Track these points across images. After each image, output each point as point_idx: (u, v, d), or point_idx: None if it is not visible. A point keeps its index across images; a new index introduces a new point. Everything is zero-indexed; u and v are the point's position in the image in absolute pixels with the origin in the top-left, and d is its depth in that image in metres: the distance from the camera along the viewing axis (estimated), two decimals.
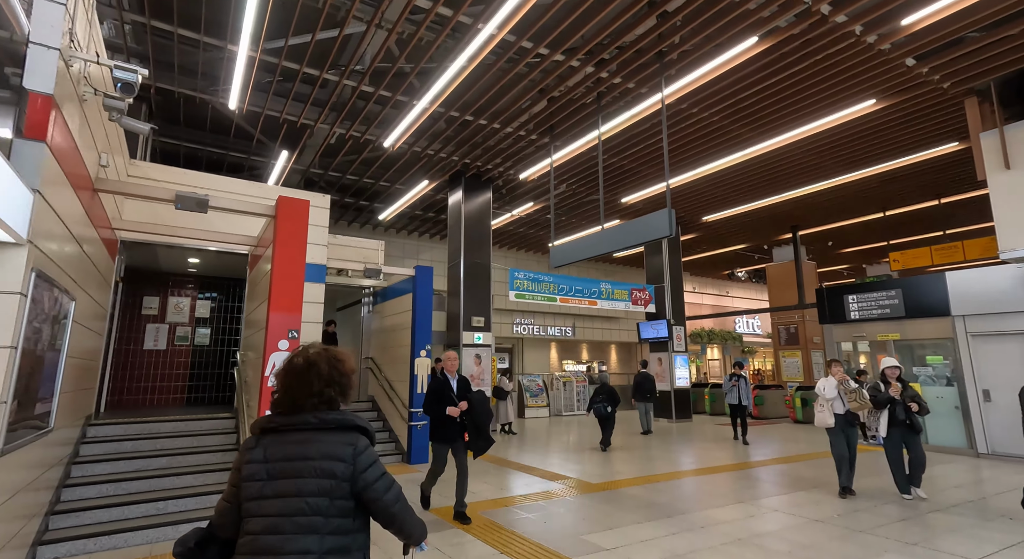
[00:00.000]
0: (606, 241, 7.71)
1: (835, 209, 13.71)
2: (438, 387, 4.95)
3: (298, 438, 1.51)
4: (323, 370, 1.58)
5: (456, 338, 11.07)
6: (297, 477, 1.46)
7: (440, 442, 4.98)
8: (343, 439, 1.52)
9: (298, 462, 1.47)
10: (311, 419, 1.53)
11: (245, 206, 4.98)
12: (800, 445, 9.67)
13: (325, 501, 1.45)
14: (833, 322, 10.51)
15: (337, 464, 1.48)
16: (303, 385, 1.56)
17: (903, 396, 5.55)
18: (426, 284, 8.34)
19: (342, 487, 1.47)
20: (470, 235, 11.47)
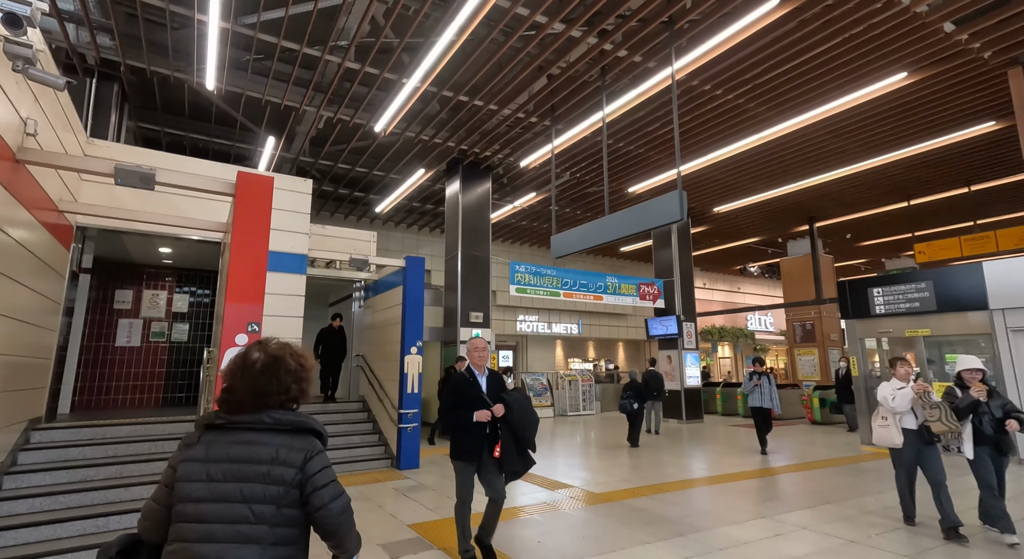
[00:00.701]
0: (611, 228, 7.08)
1: (855, 199, 12.95)
2: (460, 385, 3.65)
3: (246, 438, 1.40)
4: (291, 365, 1.49)
5: (453, 334, 10.49)
6: (242, 481, 1.34)
7: (463, 459, 3.62)
8: (297, 443, 1.42)
9: (244, 465, 1.36)
10: (265, 419, 1.41)
11: (202, 184, 4.42)
12: (819, 449, 8.99)
13: (272, 509, 1.34)
14: (856, 317, 9.78)
15: (288, 470, 1.37)
16: (270, 381, 1.44)
17: (991, 405, 4.16)
18: (417, 276, 7.76)
19: (291, 494, 1.37)
20: (468, 226, 10.88)
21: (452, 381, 3.76)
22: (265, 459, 1.37)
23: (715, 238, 17.18)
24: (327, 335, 8.84)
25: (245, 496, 1.33)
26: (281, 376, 1.46)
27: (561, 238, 8.21)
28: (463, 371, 3.71)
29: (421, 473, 6.93)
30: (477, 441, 3.56)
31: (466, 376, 3.65)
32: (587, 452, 8.68)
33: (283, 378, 1.47)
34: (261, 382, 1.44)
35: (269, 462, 1.37)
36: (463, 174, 10.97)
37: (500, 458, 3.53)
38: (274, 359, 1.48)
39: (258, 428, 1.42)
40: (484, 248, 11.03)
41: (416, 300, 7.69)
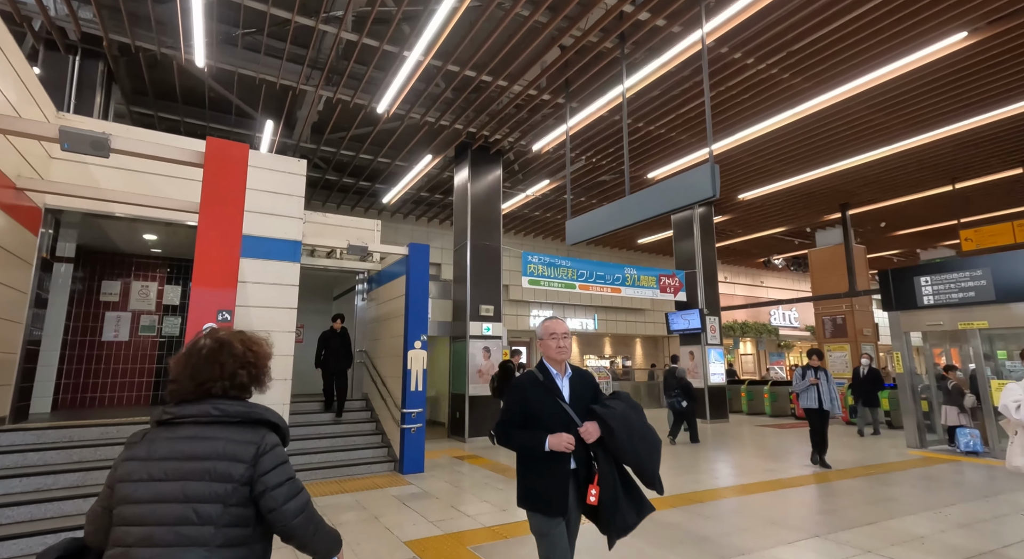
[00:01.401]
0: (633, 210, 6.40)
1: (894, 182, 12.03)
2: (527, 390, 2.33)
3: (191, 433, 1.29)
4: (237, 349, 1.38)
5: (463, 329, 9.90)
6: (185, 479, 1.23)
7: (541, 511, 2.22)
8: (246, 436, 1.30)
9: (188, 462, 1.24)
10: (211, 410, 1.30)
11: (166, 153, 3.87)
12: (856, 453, 8.20)
13: (218, 508, 1.22)
14: (900, 309, 8.95)
15: (236, 465, 1.25)
16: (212, 366, 1.34)
17: None
18: (421, 264, 7.18)
19: (240, 492, 1.25)
20: (478, 214, 10.27)
21: (516, 385, 2.38)
22: (209, 454, 1.26)
23: (738, 228, 16.32)
24: (328, 339, 7.74)
25: (188, 495, 1.22)
26: (224, 361, 1.36)
27: (577, 223, 7.55)
28: (534, 369, 2.42)
29: (426, 478, 6.36)
30: (560, 481, 2.21)
31: (536, 376, 2.36)
32: None
33: (227, 363, 1.36)
34: (203, 369, 1.34)
35: (214, 457, 1.26)
36: (472, 159, 10.36)
37: (599, 507, 2.20)
38: (220, 344, 1.38)
39: (204, 421, 1.31)
40: (495, 238, 10.42)
41: (420, 290, 7.11)
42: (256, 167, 6.14)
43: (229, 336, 1.41)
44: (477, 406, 9.51)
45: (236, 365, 1.37)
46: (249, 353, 1.41)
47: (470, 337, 9.68)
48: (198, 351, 1.37)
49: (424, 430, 6.80)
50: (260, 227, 6.06)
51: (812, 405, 6.95)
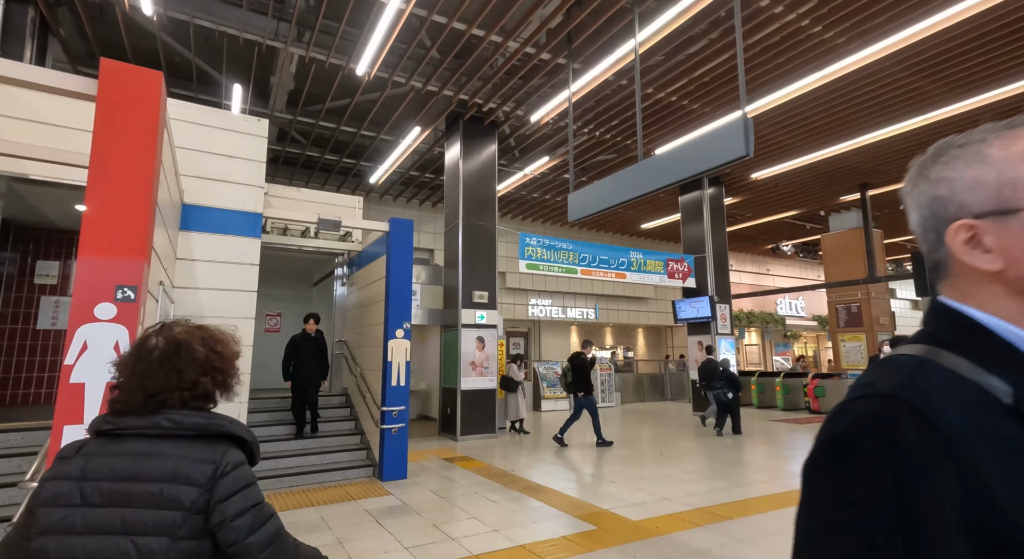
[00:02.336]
0: (648, 176, 5.50)
1: None
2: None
3: (136, 449, 1.06)
4: (199, 353, 1.13)
5: (454, 317, 9.05)
6: (126, 505, 1.01)
7: None
8: (203, 453, 1.07)
9: (131, 484, 1.02)
10: (162, 422, 1.07)
11: (44, 79, 2.96)
12: None
13: (163, 543, 1.00)
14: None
15: (187, 490, 1.02)
16: (167, 373, 1.10)
17: None
18: (404, 242, 6.30)
19: (192, 523, 1.02)
20: (471, 192, 9.37)
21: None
22: (156, 475, 1.02)
23: (748, 212, 15.43)
24: (300, 345, 6.43)
25: (127, 526, 0.99)
26: (184, 367, 1.11)
27: (581, 196, 6.65)
28: None
29: (408, 487, 5.53)
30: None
31: None
32: (612, 456, 7.21)
33: (186, 370, 1.11)
34: (157, 376, 1.09)
35: (161, 479, 1.02)
36: (464, 132, 9.43)
37: None
38: (176, 345, 1.13)
39: (152, 434, 1.07)
40: (489, 217, 9.53)
41: (402, 272, 6.23)
42: (205, 125, 5.24)
43: (187, 335, 1.17)
44: (470, 401, 8.68)
45: (198, 372, 1.13)
46: (213, 355, 1.17)
47: (462, 326, 8.83)
48: (148, 354, 1.13)
49: (407, 431, 5.96)
50: (211, 196, 5.17)
51: None
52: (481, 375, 8.85)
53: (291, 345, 6.50)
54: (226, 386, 1.20)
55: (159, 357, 1.12)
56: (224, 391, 1.20)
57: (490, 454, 7.36)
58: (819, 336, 25.59)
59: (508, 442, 8.45)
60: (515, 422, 9.51)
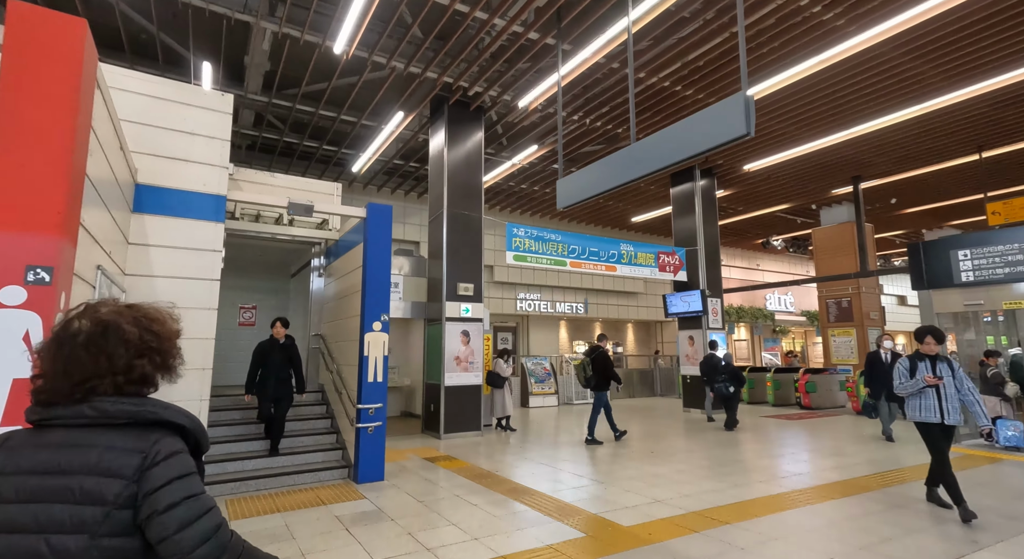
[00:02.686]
0: (641, 158, 5.18)
1: (914, 151, 10.97)
2: None
3: (61, 440, 0.97)
4: (129, 333, 1.04)
5: (438, 311, 8.68)
6: (41, 501, 0.92)
7: None
8: (132, 443, 0.97)
9: (51, 477, 0.93)
10: (87, 411, 0.98)
11: None
12: (893, 450, 7.20)
13: (82, 541, 0.90)
14: (934, 287, 7.93)
15: (110, 482, 0.93)
16: (95, 358, 1.00)
17: None
18: (381, 229, 5.92)
19: (117, 519, 0.92)
20: (456, 179, 8.98)
21: None
22: (78, 468, 0.93)
23: (740, 205, 15.23)
24: (267, 353, 5.70)
25: (41, 523, 0.90)
26: (113, 350, 1.01)
27: (570, 182, 6.32)
28: None
29: (384, 489, 5.18)
30: None
31: None
32: (602, 454, 6.91)
33: (117, 353, 1.01)
34: (83, 362, 0.99)
35: (83, 472, 0.93)
36: (449, 117, 9.04)
37: None
38: (103, 327, 1.02)
39: (79, 424, 0.98)
40: (475, 207, 9.15)
41: (380, 260, 5.85)
42: (162, 99, 4.82)
43: (115, 315, 1.04)
44: (454, 398, 8.33)
45: (131, 355, 1.02)
46: (149, 336, 1.06)
47: (447, 320, 8.47)
48: (71, 338, 1.01)
49: (384, 430, 5.60)
50: (169, 176, 4.75)
51: (931, 417, 4.27)
52: (466, 370, 8.50)
53: (257, 353, 5.76)
54: (167, 368, 1.10)
55: (84, 341, 1.02)
56: (166, 373, 1.11)
57: (474, 453, 7.03)
58: (807, 331, 25.63)
59: (494, 440, 8.12)
60: (501, 419, 9.19)
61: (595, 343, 7.99)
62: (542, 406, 13.12)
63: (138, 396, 1.05)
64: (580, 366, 7.84)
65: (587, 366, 7.75)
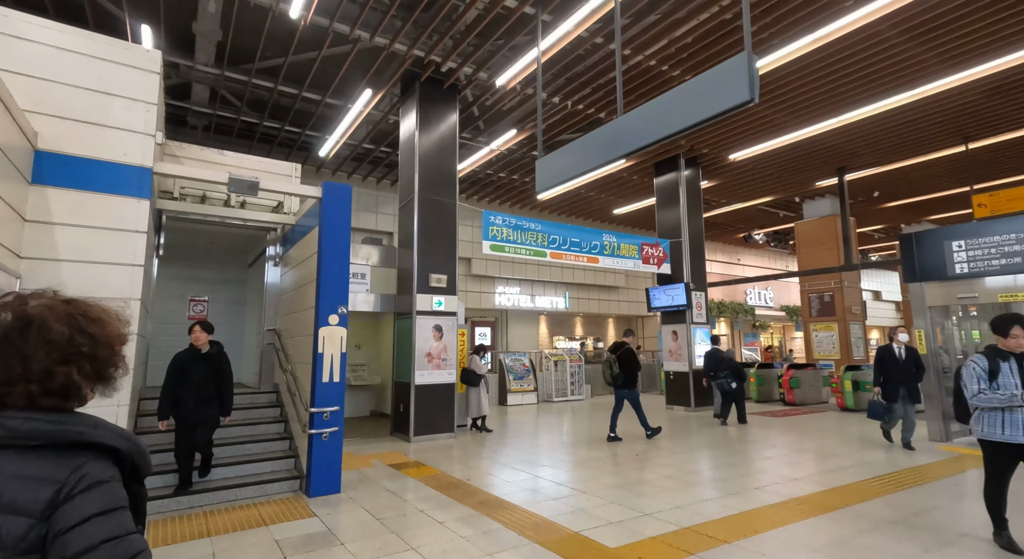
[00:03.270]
0: (628, 134, 4.65)
1: (900, 141, 10.73)
2: None
3: None
4: (56, 333, 0.87)
5: (408, 304, 8.06)
6: None
7: None
8: (45, 471, 0.80)
9: None
10: None
11: None
12: (891, 452, 6.88)
13: None
14: (926, 279, 7.64)
15: (13, 521, 0.76)
16: (11, 360, 0.84)
17: None
18: (338, 210, 5.28)
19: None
20: (429, 162, 8.36)
21: None
22: None
23: (723, 197, 14.92)
24: (186, 366, 4.62)
25: None
26: (32, 352, 0.85)
27: (552, 162, 5.77)
28: None
29: (339, 504, 4.57)
30: None
31: None
32: (584, 458, 6.41)
33: (35, 356, 0.85)
34: (2, 361, 0.84)
35: None
36: (421, 95, 8.39)
37: None
38: (25, 323, 0.86)
39: None
40: (449, 192, 8.54)
41: (337, 246, 5.22)
42: (70, 51, 4.09)
43: (45, 310, 0.88)
44: (425, 397, 7.74)
45: (53, 359, 0.85)
46: (82, 338, 0.89)
47: (417, 313, 7.85)
48: None
49: (341, 436, 4.98)
50: (78, 142, 4.04)
51: (1016, 436, 3.29)
52: (438, 368, 7.91)
53: (173, 368, 4.61)
54: (102, 377, 0.93)
55: (0, 338, 0.86)
56: (100, 383, 0.93)
57: (446, 458, 6.46)
58: (785, 326, 25.70)
59: (468, 442, 7.56)
60: (477, 419, 8.63)
61: (620, 339, 7.73)
62: (521, 404, 12.61)
63: (58, 411, 0.87)
64: (606, 363, 7.53)
65: (613, 364, 7.43)
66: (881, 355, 6.98)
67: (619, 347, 7.55)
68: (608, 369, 7.47)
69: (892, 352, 6.90)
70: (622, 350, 7.48)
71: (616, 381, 7.40)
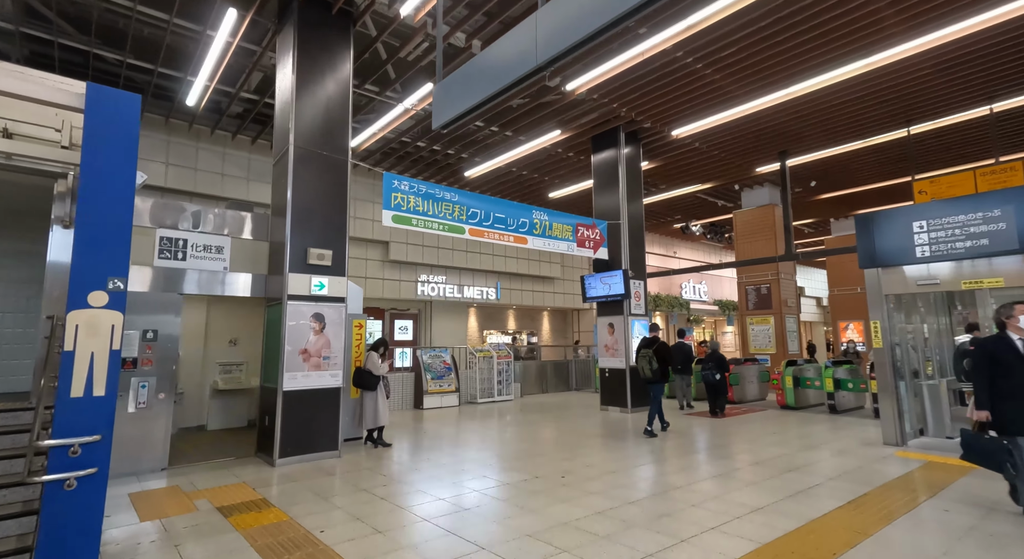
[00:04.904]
0: (550, 35, 3.17)
1: (844, 122, 10.13)
2: None
3: None
4: None
5: (278, 287, 6.23)
6: None
7: None
8: None
9: None
10: None
11: None
12: (854, 458, 5.95)
13: None
14: (883, 265, 6.84)
15: None
16: None
17: None
18: (112, 129, 3.43)
19: None
20: (311, 106, 6.54)
21: None
22: None
23: (663, 182, 14.03)
24: None
25: None
26: None
27: (451, 85, 4.21)
28: None
29: None
30: None
31: None
32: (495, 485, 4.93)
33: None
34: None
35: None
36: (300, 19, 6.54)
37: None
38: None
39: None
40: (339, 147, 6.76)
41: (108, 181, 3.37)
42: None
43: None
44: (299, 407, 5.98)
45: None
46: None
47: (288, 298, 6.05)
48: None
49: (103, 482, 3.17)
50: None
51: None
52: (318, 368, 6.16)
53: None
54: None
55: None
56: None
57: (311, 492, 4.76)
58: (717, 321, 25.77)
59: (356, 464, 5.88)
60: (372, 431, 6.96)
61: (652, 334, 7.98)
62: (440, 407, 11.02)
63: None
64: (645, 359, 7.58)
65: (652, 359, 7.52)
66: (990, 350, 4.08)
67: (653, 342, 7.69)
68: (647, 365, 7.53)
69: (1012, 345, 4.00)
70: (658, 345, 7.63)
71: (655, 376, 7.51)
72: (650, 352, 7.54)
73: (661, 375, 7.51)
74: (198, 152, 10.46)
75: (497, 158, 11.81)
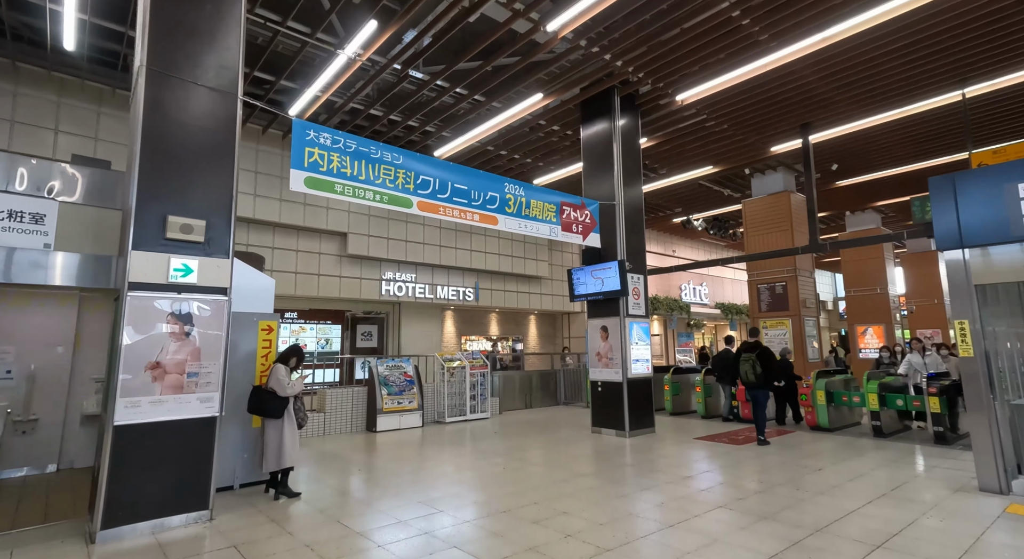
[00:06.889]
0: None
1: (882, 81, 8.39)
2: None
3: None
4: None
5: (120, 270, 4.29)
6: None
7: None
8: None
9: None
10: None
11: None
12: (923, 507, 4.07)
13: None
14: (974, 245, 5.02)
15: None
16: None
17: None
18: None
19: None
20: (173, 12, 4.64)
21: None
22: None
23: (662, 165, 12.25)
24: None
25: None
26: None
27: None
28: None
29: None
30: None
31: None
32: (469, 541, 3.00)
33: None
34: None
35: None
36: None
37: None
38: None
39: None
40: (225, 76, 4.84)
41: None
42: None
43: None
44: (145, 450, 4.01)
45: None
46: None
47: (128, 287, 4.11)
48: None
49: None
50: None
51: None
52: (178, 391, 4.21)
53: None
54: None
55: None
56: None
57: None
58: (718, 326, 24.00)
59: (224, 537, 3.91)
60: (276, 474, 5.01)
61: (753, 339, 7.69)
62: (398, 429, 9.06)
63: None
64: (748, 363, 7.28)
65: (755, 364, 7.23)
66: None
67: (755, 346, 7.44)
68: (752, 369, 7.25)
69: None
70: (760, 349, 7.38)
71: (759, 381, 7.24)
72: (753, 356, 7.26)
73: (765, 380, 7.22)
74: (38, 105, 8.48)
75: (471, 131, 9.96)
